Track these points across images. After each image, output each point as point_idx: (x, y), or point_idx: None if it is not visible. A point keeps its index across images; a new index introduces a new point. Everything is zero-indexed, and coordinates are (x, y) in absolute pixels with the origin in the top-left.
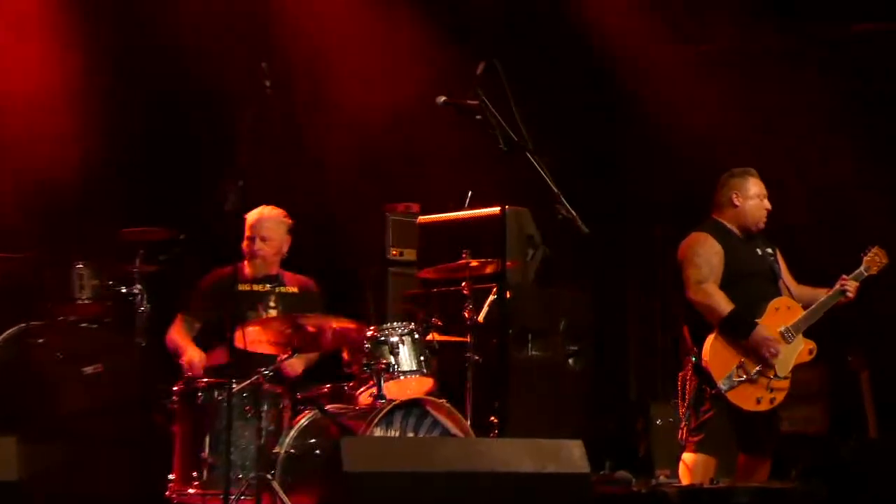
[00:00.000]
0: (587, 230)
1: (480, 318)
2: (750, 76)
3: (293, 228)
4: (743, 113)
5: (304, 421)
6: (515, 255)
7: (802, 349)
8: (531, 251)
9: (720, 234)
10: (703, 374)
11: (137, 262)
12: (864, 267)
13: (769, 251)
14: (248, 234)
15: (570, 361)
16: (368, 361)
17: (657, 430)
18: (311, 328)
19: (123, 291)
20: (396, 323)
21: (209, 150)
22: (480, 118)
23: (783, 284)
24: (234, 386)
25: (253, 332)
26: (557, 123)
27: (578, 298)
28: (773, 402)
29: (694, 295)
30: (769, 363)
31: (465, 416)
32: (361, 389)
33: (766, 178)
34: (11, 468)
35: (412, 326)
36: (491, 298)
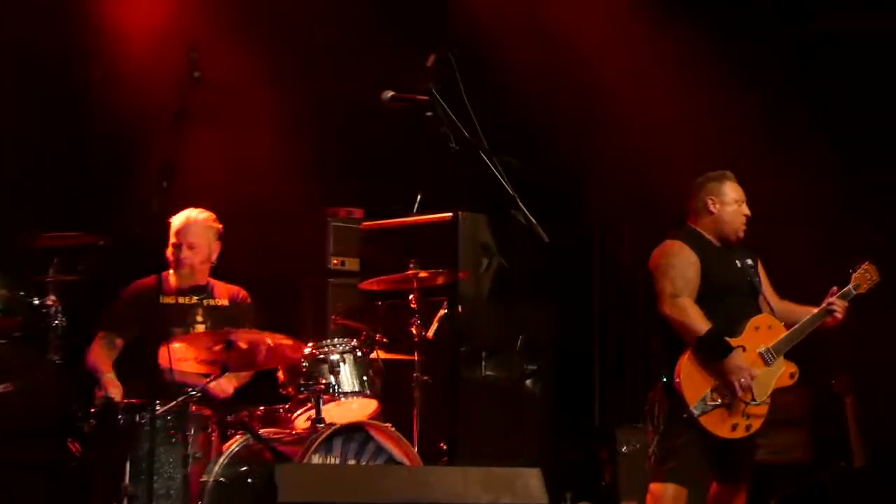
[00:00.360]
0: (547, 238)
1: (430, 334)
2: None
3: (223, 234)
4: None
5: (234, 447)
6: (469, 265)
7: (783, 372)
8: (486, 261)
9: (696, 242)
10: (674, 396)
11: (52, 271)
12: (853, 285)
13: (749, 262)
14: (173, 240)
15: (527, 382)
16: (306, 381)
17: (623, 457)
18: (242, 344)
19: (36, 303)
20: (337, 339)
21: (131, 148)
22: (431, 114)
23: (763, 300)
24: (157, 408)
25: (178, 349)
26: (516, 121)
27: (538, 313)
28: (749, 429)
29: (668, 310)
30: (735, 395)
31: (412, 441)
32: (298, 412)
33: (742, 182)
34: None
35: (354, 343)
36: (441, 313)
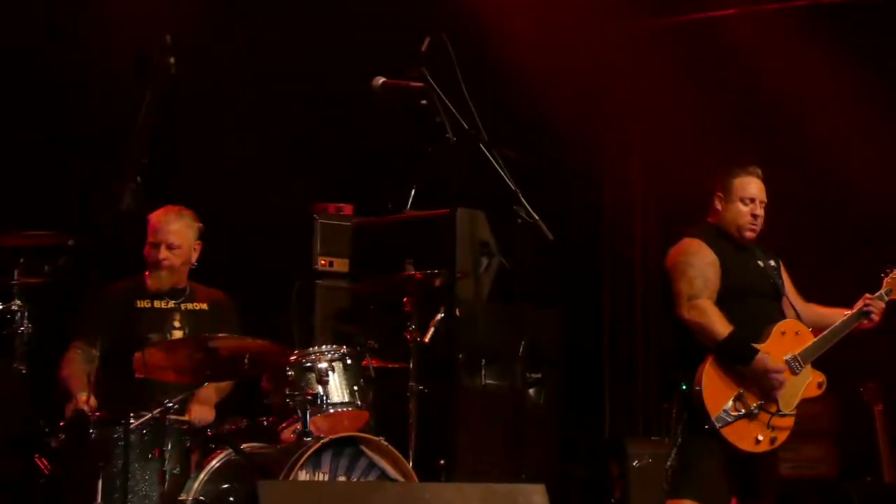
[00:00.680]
0: (552, 236)
1: (425, 339)
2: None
3: (204, 233)
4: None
5: (215, 462)
6: (467, 265)
7: (811, 382)
8: (485, 260)
9: (714, 240)
10: (694, 406)
11: (16, 273)
12: (884, 290)
13: (772, 263)
14: (151, 239)
15: (531, 391)
16: (292, 392)
17: (635, 472)
18: (223, 352)
19: (0, 308)
20: (325, 346)
21: (102, 141)
22: (426, 103)
23: (787, 303)
24: (132, 421)
25: (155, 357)
26: (518, 111)
27: (542, 317)
28: (773, 442)
29: (686, 313)
30: (772, 396)
31: (406, 456)
32: (284, 425)
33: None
34: None
35: (344, 350)
36: (438, 317)
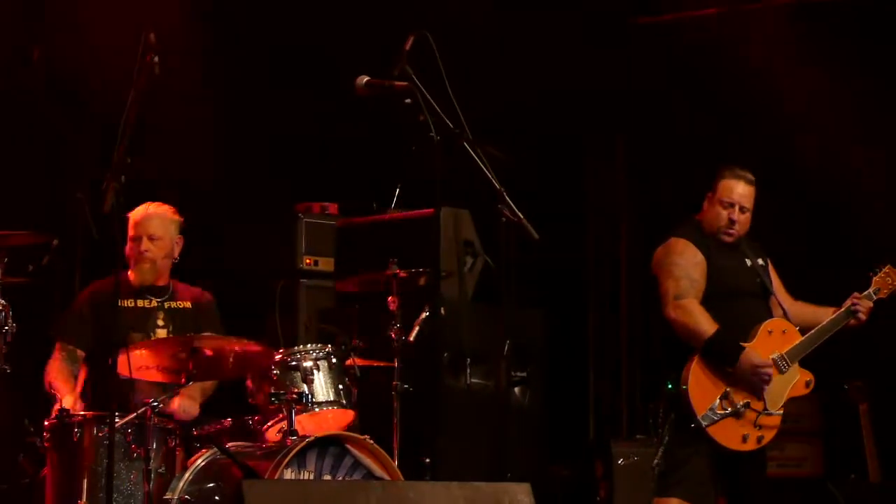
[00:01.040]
0: (537, 235)
1: (410, 339)
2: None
3: (185, 228)
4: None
5: (200, 462)
6: (451, 264)
7: (798, 381)
8: (470, 260)
9: (701, 240)
10: (680, 404)
11: (0, 272)
12: (872, 289)
13: (760, 262)
14: (132, 233)
15: (516, 391)
16: (277, 391)
17: (620, 471)
18: (208, 352)
19: None
20: (310, 345)
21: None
22: (410, 102)
23: (775, 302)
24: (116, 420)
25: (139, 356)
26: (503, 109)
27: (527, 316)
28: (760, 440)
29: (672, 312)
30: (760, 394)
31: (391, 455)
32: (269, 424)
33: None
34: None
35: (329, 349)
36: (422, 316)
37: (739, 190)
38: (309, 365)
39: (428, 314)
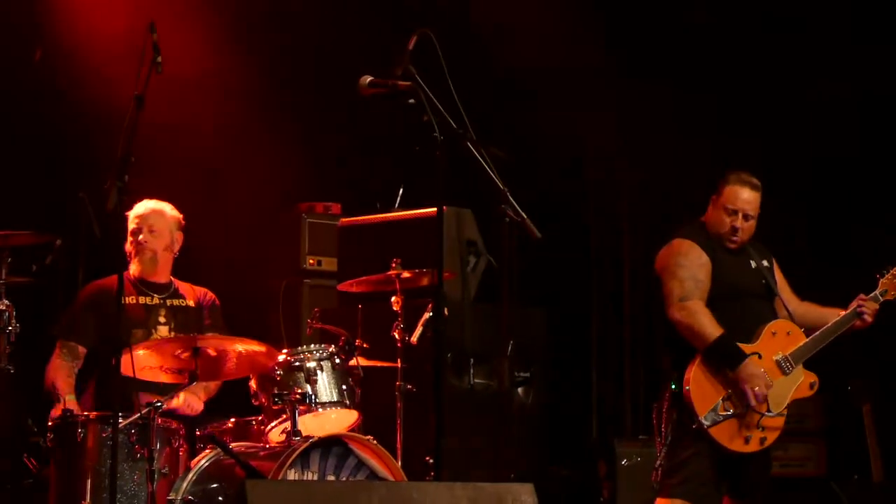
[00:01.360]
0: (540, 235)
1: (413, 339)
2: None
3: (185, 226)
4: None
5: (204, 462)
6: (454, 264)
7: (802, 383)
8: (473, 260)
9: (706, 241)
10: (682, 405)
11: (3, 272)
12: (879, 290)
13: (765, 263)
14: (133, 227)
15: (519, 391)
16: (280, 391)
17: (623, 471)
18: (211, 352)
19: None
20: (313, 345)
21: (89, 141)
22: (413, 102)
23: (780, 303)
24: (120, 420)
25: (142, 356)
26: (507, 110)
27: (530, 317)
28: (763, 442)
29: (676, 314)
30: (747, 404)
31: (395, 455)
32: (272, 424)
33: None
34: None
35: (332, 350)
36: (426, 316)
37: (744, 196)
38: (312, 365)
39: (431, 314)
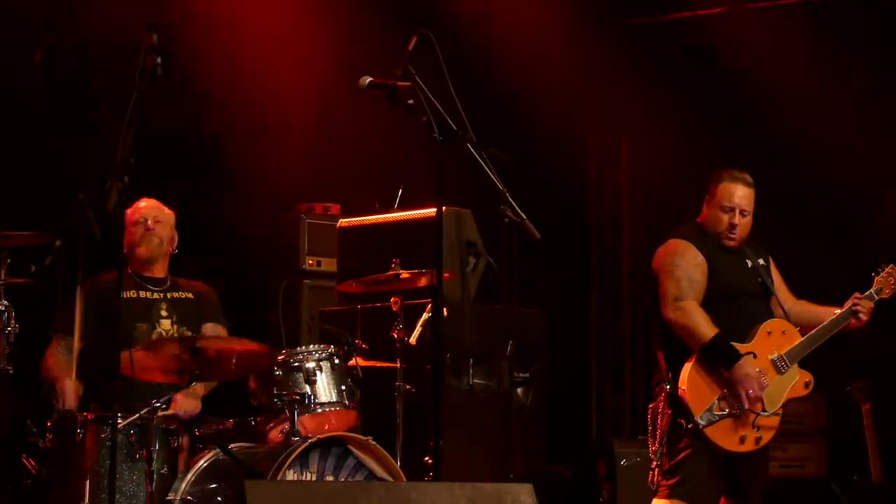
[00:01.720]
0: (539, 235)
1: (412, 339)
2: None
3: (186, 229)
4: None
5: (203, 462)
6: (454, 265)
7: (797, 382)
8: (473, 261)
9: (702, 241)
10: (678, 405)
11: (2, 273)
12: (874, 289)
13: (761, 262)
14: (135, 218)
15: (518, 391)
16: (279, 392)
17: (622, 471)
18: (210, 352)
19: None
20: (312, 346)
21: (89, 141)
22: (412, 103)
23: (776, 303)
24: (119, 420)
25: (142, 357)
26: (507, 111)
27: (529, 317)
28: (758, 441)
29: (671, 314)
30: (742, 405)
31: (394, 456)
32: (271, 425)
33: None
34: None
35: (331, 350)
36: (425, 317)
37: (739, 193)
38: (311, 366)
39: (430, 314)
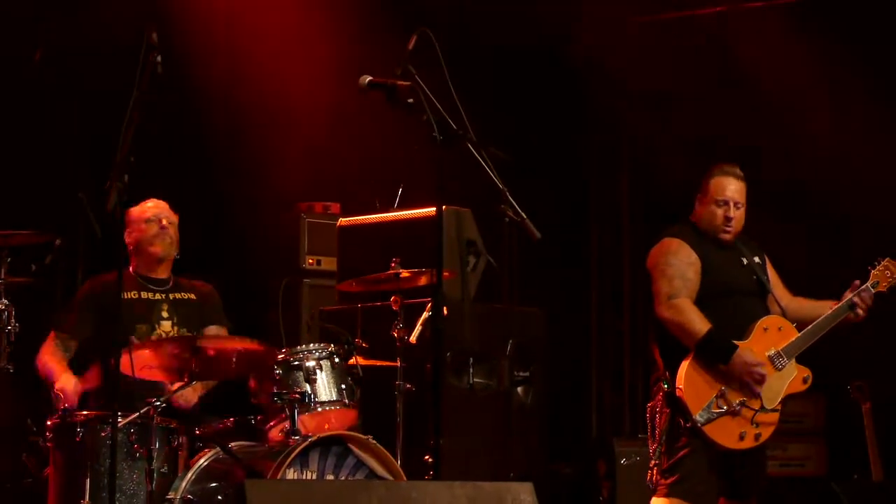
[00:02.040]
0: (539, 235)
1: (413, 338)
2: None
3: (190, 231)
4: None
5: (203, 461)
6: (454, 264)
7: (795, 377)
8: (473, 260)
9: (696, 240)
10: (676, 404)
11: (2, 272)
12: (871, 282)
13: (756, 260)
14: (147, 216)
15: (518, 390)
16: (279, 390)
17: (622, 470)
18: (210, 351)
19: None
20: (313, 345)
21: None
22: (412, 102)
23: (773, 300)
24: (119, 419)
25: (142, 356)
26: (506, 109)
27: (529, 316)
28: (758, 438)
29: (665, 312)
30: (753, 392)
31: (394, 454)
32: (271, 423)
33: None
34: None
35: (331, 349)
36: (425, 316)
37: (732, 186)
38: (312, 365)
39: (430, 313)
